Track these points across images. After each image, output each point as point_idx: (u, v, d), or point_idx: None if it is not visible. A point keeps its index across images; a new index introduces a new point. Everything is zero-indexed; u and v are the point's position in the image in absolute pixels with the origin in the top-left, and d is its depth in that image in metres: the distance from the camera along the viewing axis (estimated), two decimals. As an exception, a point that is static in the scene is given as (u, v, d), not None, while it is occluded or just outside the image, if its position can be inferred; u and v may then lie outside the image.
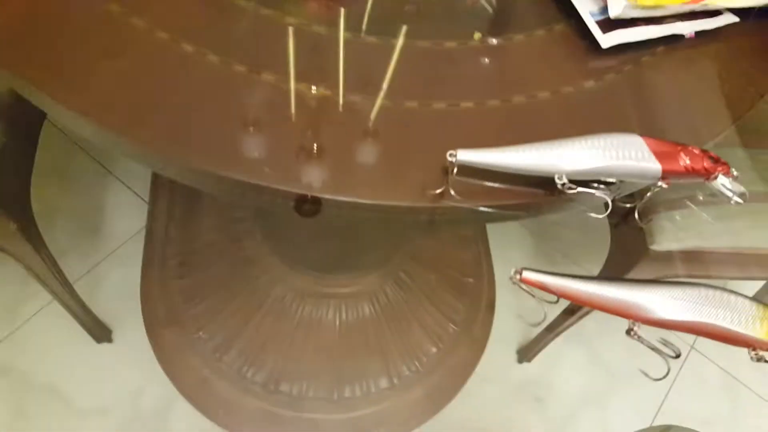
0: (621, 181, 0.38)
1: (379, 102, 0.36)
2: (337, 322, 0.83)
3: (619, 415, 0.94)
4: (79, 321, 0.83)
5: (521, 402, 0.93)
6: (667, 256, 0.64)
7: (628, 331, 0.37)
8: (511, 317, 0.98)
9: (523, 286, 0.37)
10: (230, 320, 0.82)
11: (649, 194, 0.38)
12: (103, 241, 0.94)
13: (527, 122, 0.41)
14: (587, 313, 0.85)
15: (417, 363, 0.85)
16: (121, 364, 0.86)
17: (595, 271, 0.81)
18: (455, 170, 0.36)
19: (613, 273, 0.75)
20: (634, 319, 0.36)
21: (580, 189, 0.36)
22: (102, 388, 0.84)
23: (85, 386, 0.84)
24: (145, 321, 0.88)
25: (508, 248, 1.04)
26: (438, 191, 0.36)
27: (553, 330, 0.89)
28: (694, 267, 0.65)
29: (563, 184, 0.36)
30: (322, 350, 0.82)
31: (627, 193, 0.41)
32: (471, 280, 0.92)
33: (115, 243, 0.94)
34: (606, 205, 0.37)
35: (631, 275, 0.70)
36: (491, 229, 1.03)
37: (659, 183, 0.37)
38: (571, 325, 0.88)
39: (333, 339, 0.83)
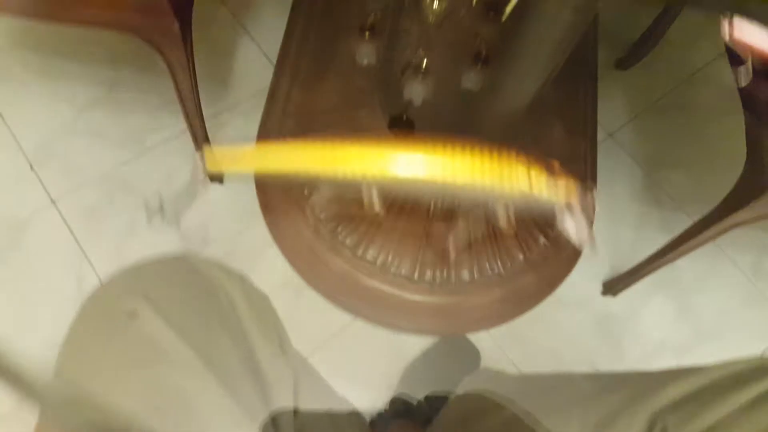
0: None
1: None
2: (432, 207, 0.84)
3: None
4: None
5: (595, 333, 0.92)
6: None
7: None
8: (606, 248, 0.96)
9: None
10: (333, 183, 0.85)
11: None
12: (228, 92, 1.00)
13: None
14: (684, 253, 0.81)
15: (501, 265, 0.86)
16: (227, 205, 0.93)
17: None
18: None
19: (738, 200, 0.69)
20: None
21: None
22: (207, 223, 0.91)
23: (194, 217, 0.91)
24: (255, 173, 0.94)
25: (614, 182, 1.01)
26: None
27: (646, 266, 0.86)
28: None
29: None
30: (412, 230, 0.84)
31: None
32: (572, 200, 0.90)
33: (239, 96, 0.99)
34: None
35: (758, 203, 0.66)
36: (601, 158, 1.00)
37: None
38: (666, 263, 0.84)
39: (424, 222, 0.84)
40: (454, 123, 0.77)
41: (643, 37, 1.07)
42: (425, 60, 0.70)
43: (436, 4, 0.65)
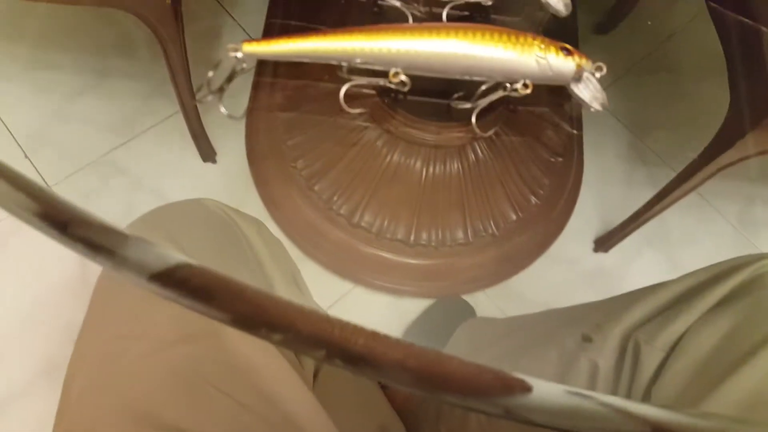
0: None
1: None
2: (424, 173, 0.85)
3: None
4: (192, 136, 0.90)
5: (588, 288, 0.94)
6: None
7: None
8: (595, 206, 0.98)
9: None
10: (326, 154, 0.87)
11: None
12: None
13: None
14: (671, 203, 0.83)
15: (494, 226, 0.88)
16: (221, 184, 0.94)
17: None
18: None
19: (724, 141, 0.71)
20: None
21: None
22: (202, 202, 0.92)
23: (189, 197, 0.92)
24: (247, 149, 0.95)
25: (601, 143, 1.03)
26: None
27: (635, 220, 0.89)
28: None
29: None
30: (406, 196, 0.86)
31: None
32: (560, 159, 0.92)
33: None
34: None
35: (735, 147, 0.68)
36: (586, 121, 1.02)
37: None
38: (654, 215, 0.87)
39: (417, 187, 0.86)
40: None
41: (620, 0, 1.09)
42: None
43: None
